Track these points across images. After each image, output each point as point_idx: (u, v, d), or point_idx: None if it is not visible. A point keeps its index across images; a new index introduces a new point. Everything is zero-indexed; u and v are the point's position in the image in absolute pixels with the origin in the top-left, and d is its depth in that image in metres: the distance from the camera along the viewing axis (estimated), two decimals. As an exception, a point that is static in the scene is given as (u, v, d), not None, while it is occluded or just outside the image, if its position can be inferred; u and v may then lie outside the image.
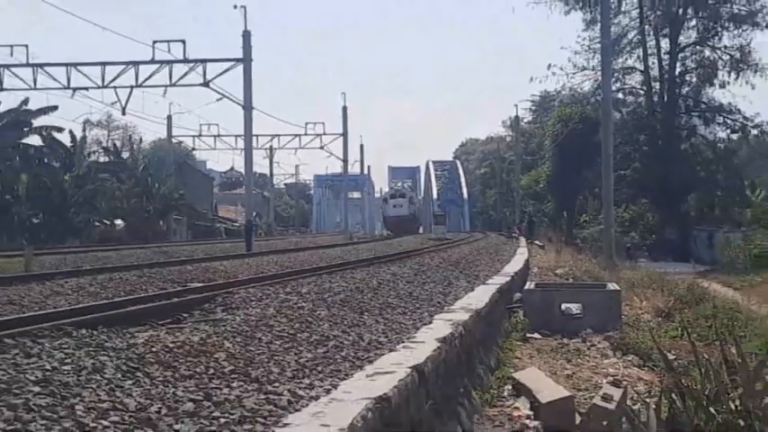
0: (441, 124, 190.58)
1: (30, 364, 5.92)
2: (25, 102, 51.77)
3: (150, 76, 41.70)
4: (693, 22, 61.72)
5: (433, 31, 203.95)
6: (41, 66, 41.25)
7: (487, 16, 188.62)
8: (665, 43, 61.25)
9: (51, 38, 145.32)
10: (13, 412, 4.67)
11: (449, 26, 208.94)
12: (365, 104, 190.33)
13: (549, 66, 62.03)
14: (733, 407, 6.87)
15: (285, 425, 4.60)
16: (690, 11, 61.37)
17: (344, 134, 71.83)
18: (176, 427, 4.76)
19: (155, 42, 40.44)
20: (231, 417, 5.03)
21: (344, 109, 71.69)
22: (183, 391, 5.59)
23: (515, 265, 21.59)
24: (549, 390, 9.22)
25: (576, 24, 66.65)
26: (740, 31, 59.74)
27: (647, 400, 8.01)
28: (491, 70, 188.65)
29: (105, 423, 4.67)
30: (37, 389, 5.23)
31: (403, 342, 7.67)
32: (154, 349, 6.73)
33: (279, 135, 71.61)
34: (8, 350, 6.38)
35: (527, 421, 8.56)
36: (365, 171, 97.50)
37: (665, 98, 60.89)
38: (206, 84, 41.63)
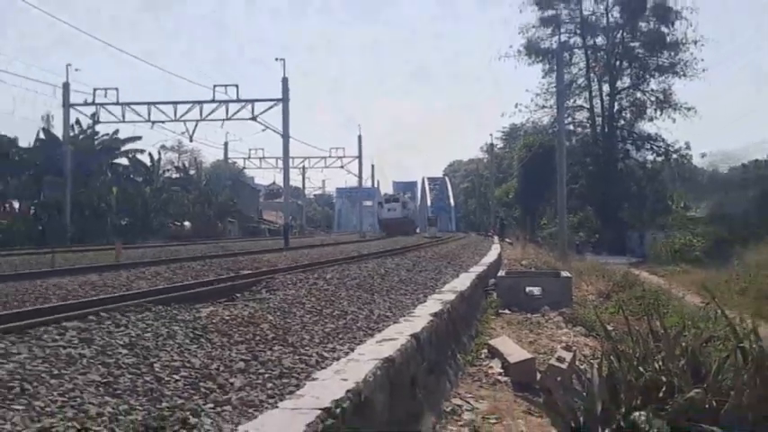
0: (439, 128, 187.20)
1: (119, 332, 5.94)
2: (116, 132, 51.74)
3: (211, 113, 41.87)
4: (628, 71, 61.72)
5: (424, 85, 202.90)
6: (128, 104, 41.38)
7: (469, 67, 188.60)
8: (605, 87, 61.34)
9: (136, 81, 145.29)
10: (107, 368, 4.71)
11: (434, 81, 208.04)
12: (366, 104, 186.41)
13: (517, 105, 62.87)
14: (657, 367, 6.86)
15: (314, 379, 4.63)
16: (625, 63, 61.50)
17: (359, 157, 72.17)
18: (231, 380, 4.79)
19: (215, 86, 40.68)
20: (273, 372, 5.07)
21: (359, 138, 71.92)
22: (236, 353, 5.62)
23: (490, 257, 21.58)
24: (516, 353, 9.23)
25: (537, 73, 66.63)
26: (664, 78, 59.92)
27: (592, 361, 8.00)
28: (471, 107, 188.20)
29: (177, 377, 4.71)
30: (125, 351, 5.27)
31: (404, 316, 7.71)
32: (214, 321, 6.74)
33: (309, 157, 73.12)
34: (102, 321, 6.41)
35: (499, 377, 8.57)
36: (375, 184, 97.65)
37: (606, 129, 60.87)
38: (254, 118, 41.85)
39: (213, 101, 41.05)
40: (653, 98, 60.18)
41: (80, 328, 5.96)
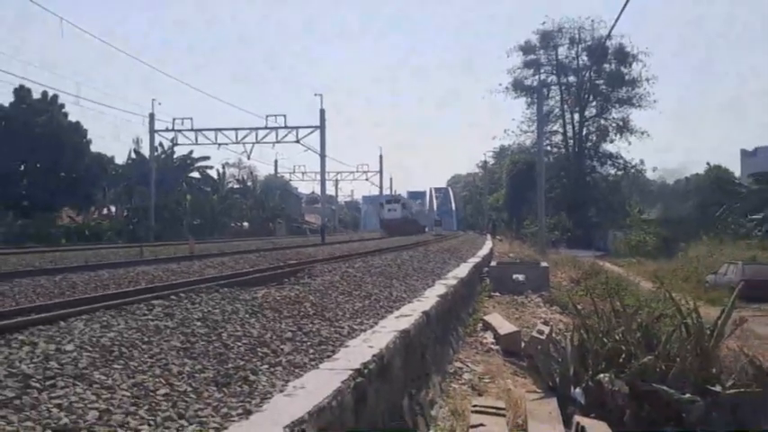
0: (444, 147, 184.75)
1: (194, 309, 5.97)
2: (190, 152, 52.21)
3: (265, 137, 42.12)
4: (594, 103, 61.60)
5: (435, 112, 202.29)
6: (200, 130, 41.62)
7: (468, 98, 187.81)
8: (576, 116, 61.17)
9: (207, 111, 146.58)
10: (185, 337, 4.75)
11: (442, 108, 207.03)
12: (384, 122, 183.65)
13: (505, 130, 63.21)
14: (617, 338, 6.83)
15: (346, 346, 4.65)
16: (591, 96, 61.35)
17: (381, 172, 72.28)
18: (281, 346, 4.81)
19: (267, 116, 41.01)
20: (313, 341, 5.07)
21: (381, 157, 72.14)
22: (285, 325, 5.63)
23: (484, 251, 21.52)
24: (504, 326, 9.21)
25: (521, 104, 66.49)
26: (623, 108, 59.84)
27: (565, 333, 7.98)
28: (466, 132, 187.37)
29: (239, 344, 4.73)
30: (199, 323, 5.29)
31: (416, 297, 7.71)
32: (267, 300, 6.75)
33: (341, 171, 74.02)
34: (181, 300, 6.44)
35: (492, 346, 8.56)
36: (393, 193, 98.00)
37: (576, 149, 60.69)
38: (297, 141, 42.07)
39: (266, 127, 41.31)
40: (614, 124, 60.31)
41: (164, 305, 6.00)
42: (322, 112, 41.79)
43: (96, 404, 3.10)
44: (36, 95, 40.26)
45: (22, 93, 39.57)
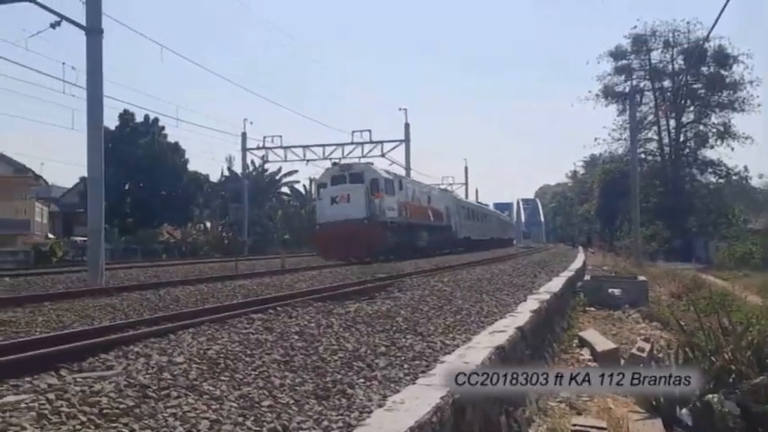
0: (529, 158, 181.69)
1: (291, 322, 6.13)
2: (279, 169, 53.98)
3: (351, 152, 42.84)
4: (691, 108, 58.60)
5: (519, 133, 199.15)
6: (289, 147, 42.97)
7: (555, 109, 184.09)
8: (672, 122, 58.41)
9: (295, 129, 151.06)
10: (285, 350, 4.90)
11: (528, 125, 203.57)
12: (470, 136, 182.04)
13: (596, 138, 61.17)
14: (726, 357, 6.47)
15: (441, 361, 4.65)
16: (688, 101, 58.47)
17: (466, 184, 71.62)
18: (376, 361, 4.86)
19: (353, 132, 41.70)
20: (407, 355, 5.08)
21: (466, 169, 71.46)
22: (378, 339, 5.68)
23: (577, 264, 20.88)
24: (602, 343, 8.90)
25: (612, 112, 64.18)
26: (724, 112, 56.52)
27: (668, 351, 7.63)
28: (557, 141, 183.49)
29: (335, 357, 4.81)
30: (296, 337, 5.43)
31: (509, 312, 7.59)
32: (360, 314, 6.85)
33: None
34: (279, 314, 6.66)
35: (589, 363, 8.30)
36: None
37: (673, 157, 57.93)
38: (383, 155, 42.50)
39: (352, 143, 42.03)
40: (714, 130, 56.88)
41: (263, 319, 6.22)
42: (407, 125, 42.24)
43: (207, 414, 3.26)
44: (139, 119, 42.99)
45: (126, 116, 42.44)
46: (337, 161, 32.76)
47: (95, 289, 11.52)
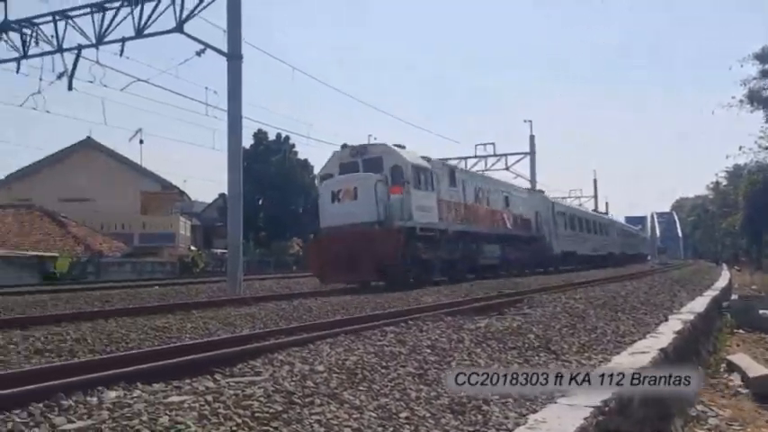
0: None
1: (423, 336, 6.18)
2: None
3: (474, 165, 42.63)
4: None
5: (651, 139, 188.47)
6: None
7: (691, 119, 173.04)
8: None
9: (417, 145, 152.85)
10: (418, 363, 4.95)
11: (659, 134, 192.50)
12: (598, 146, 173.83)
13: (740, 147, 56.05)
14: None
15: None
16: None
17: (595, 197, 68.65)
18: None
19: (476, 145, 41.51)
20: (542, 374, 4.99)
21: (595, 181, 68.85)
22: (510, 356, 5.60)
23: (721, 282, 19.45)
24: (754, 368, 8.22)
25: (758, 118, 58.89)
26: None
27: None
28: (694, 150, 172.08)
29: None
30: (428, 351, 5.46)
31: (649, 332, 7.22)
32: (491, 330, 6.77)
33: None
34: (410, 327, 6.73)
35: (739, 389, 7.70)
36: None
37: (835, 165, 52.23)
38: (507, 168, 41.90)
39: (475, 156, 41.87)
40: None
41: (395, 332, 6.33)
42: (532, 138, 41.54)
43: (349, 423, 3.38)
44: (271, 137, 45.47)
45: (260, 135, 45.02)
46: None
47: (235, 298, 12.30)
